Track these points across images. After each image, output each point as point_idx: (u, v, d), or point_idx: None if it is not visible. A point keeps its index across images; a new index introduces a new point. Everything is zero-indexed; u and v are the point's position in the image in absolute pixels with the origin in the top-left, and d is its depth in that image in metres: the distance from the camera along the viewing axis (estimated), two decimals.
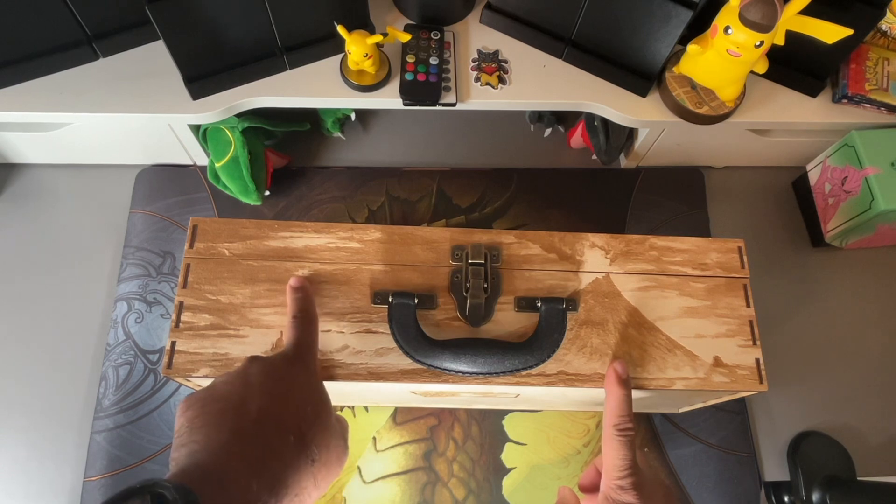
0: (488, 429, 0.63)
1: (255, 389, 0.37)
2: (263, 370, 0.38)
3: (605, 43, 0.63)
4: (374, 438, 0.62)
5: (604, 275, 0.49)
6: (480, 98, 0.64)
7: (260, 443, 0.34)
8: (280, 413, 0.36)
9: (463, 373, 0.44)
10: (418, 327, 0.45)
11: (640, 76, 0.63)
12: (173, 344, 0.45)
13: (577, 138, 0.75)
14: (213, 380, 0.39)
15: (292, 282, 0.46)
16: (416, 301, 0.46)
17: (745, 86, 0.63)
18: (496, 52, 0.66)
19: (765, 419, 0.65)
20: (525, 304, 0.48)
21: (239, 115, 0.64)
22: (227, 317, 0.46)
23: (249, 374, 0.38)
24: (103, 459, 0.60)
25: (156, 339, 0.64)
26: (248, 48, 0.60)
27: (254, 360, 0.39)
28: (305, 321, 0.43)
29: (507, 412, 0.64)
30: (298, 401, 0.38)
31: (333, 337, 0.46)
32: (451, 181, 0.73)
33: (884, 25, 0.64)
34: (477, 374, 0.45)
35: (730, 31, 0.54)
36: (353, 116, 0.73)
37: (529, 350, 0.45)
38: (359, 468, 0.61)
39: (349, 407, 0.63)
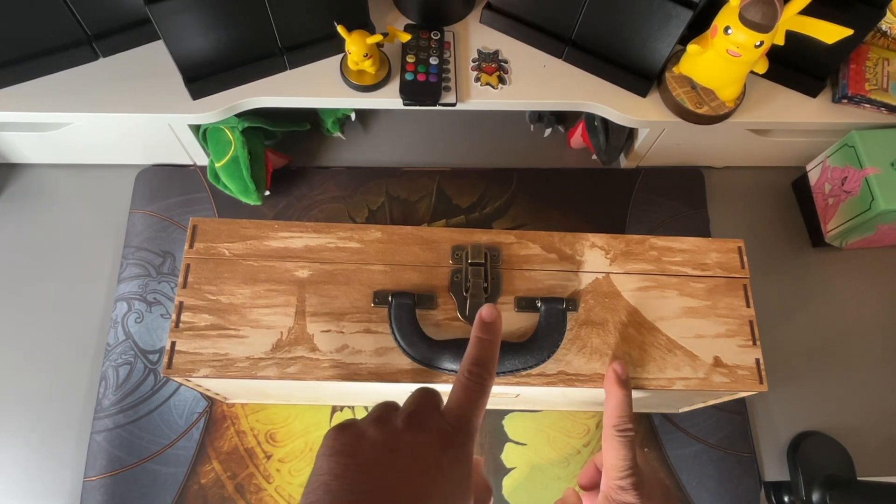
0: (488, 429, 0.63)
1: (401, 477, 0.33)
2: (417, 452, 0.34)
3: (605, 43, 0.63)
4: None
5: (604, 275, 0.49)
6: (480, 98, 0.64)
7: None
8: None
9: None
10: (418, 327, 0.45)
11: (640, 76, 0.63)
12: (173, 344, 0.45)
13: (577, 138, 0.75)
14: (361, 422, 0.36)
15: (485, 313, 0.39)
16: (415, 301, 0.46)
17: (745, 86, 0.63)
18: (496, 52, 0.66)
19: (765, 419, 0.65)
20: (525, 304, 0.48)
21: (239, 115, 0.64)
22: (227, 317, 0.46)
23: (402, 449, 0.34)
24: (103, 459, 0.60)
25: (156, 339, 0.64)
26: (248, 48, 0.60)
27: (411, 425, 0.35)
28: (481, 382, 0.38)
29: (507, 412, 0.64)
30: (440, 501, 0.34)
31: (333, 337, 0.46)
32: (451, 181, 0.73)
33: (884, 25, 0.64)
34: None
35: (730, 31, 0.54)
36: (353, 116, 0.73)
37: (529, 350, 0.45)
38: None
39: (349, 407, 0.63)
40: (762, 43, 0.54)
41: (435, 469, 0.34)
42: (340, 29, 0.58)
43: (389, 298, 0.46)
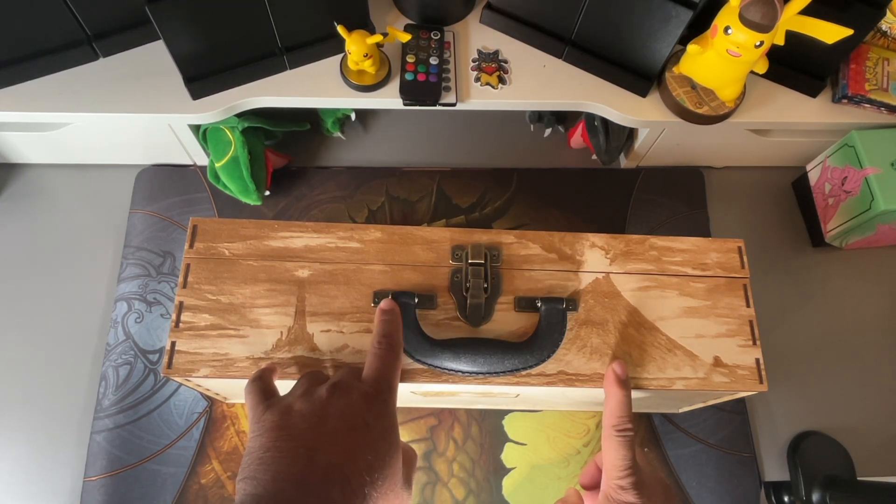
0: (488, 429, 0.63)
1: (330, 437, 0.36)
2: (343, 414, 0.37)
3: (605, 43, 0.63)
4: None
5: (604, 275, 0.49)
6: (480, 98, 0.64)
7: (322, 501, 0.34)
8: (350, 471, 0.35)
9: (463, 372, 0.44)
10: (418, 327, 0.45)
11: (640, 76, 0.63)
12: (173, 344, 0.45)
13: (577, 138, 0.75)
14: (287, 398, 0.39)
15: (383, 304, 0.44)
16: (416, 301, 0.46)
17: (745, 86, 0.63)
18: (496, 52, 0.66)
19: (765, 419, 0.65)
20: (525, 304, 0.48)
21: (239, 115, 0.64)
22: (227, 317, 0.46)
23: (328, 414, 0.37)
24: (103, 459, 0.60)
25: (156, 339, 0.64)
26: (248, 48, 0.60)
27: (335, 393, 0.38)
28: (390, 349, 0.42)
29: (507, 412, 0.64)
30: (370, 454, 0.37)
31: (333, 337, 0.46)
32: (451, 181, 0.73)
33: (884, 25, 0.64)
34: (477, 373, 0.45)
35: (730, 31, 0.54)
36: (353, 116, 0.73)
37: (529, 350, 0.45)
38: None
39: None
40: (762, 43, 0.54)
41: (362, 425, 0.37)
42: (340, 29, 0.58)
43: (390, 297, 0.46)
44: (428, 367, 0.45)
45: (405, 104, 0.63)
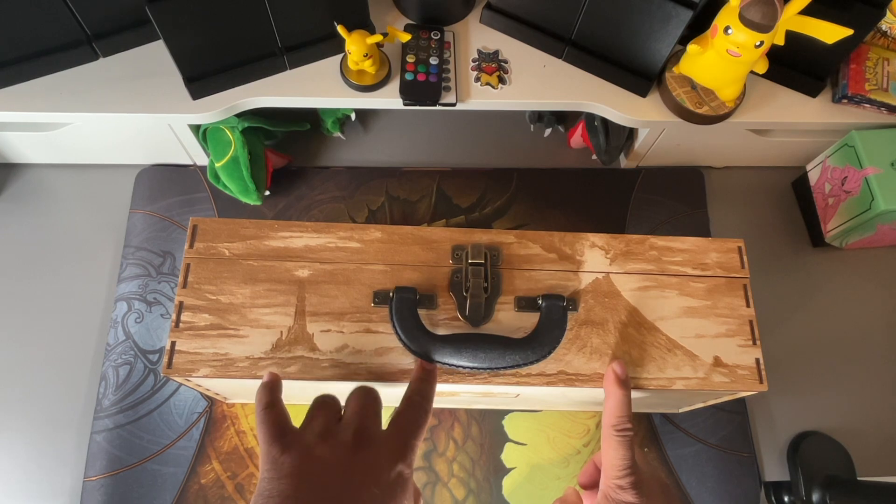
0: (488, 429, 0.63)
1: (354, 493, 0.36)
2: (369, 468, 0.37)
3: (605, 43, 0.63)
4: None
5: (604, 275, 0.49)
6: (480, 98, 0.64)
7: None
8: None
9: (464, 368, 0.44)
10: (419, 321, 0.45)
11: (640, 76, 0.63)
12: (173, 344, 0.45)
13: (577, 138, 0.75)
14: (305, 437, 0.38)
15: (425, 364, 0.44)
16: (417, 297, 0.46)
17: (745, 86, 0.63)
18: (496, 52, 0.66)
19: (765, 419, 0.65)
20: (525, 303, 0.48)
21: (239, 115, 0.64)
22: (227, 317, 0.46)
23: (353, 467, 0.36)
24: (103, 459, 0.60)
25: (156, 339, 0.64)
26: (248, 48, 0.60)
27: (361, 443, 0.38)
28: (426, 410, 0.41)
29: (507, 412, 0.64)
30: None
31: (333, 337, 0.46)
32: (451, 181, 0.73)
33: (884, 25, 0.64)
34: (478, 369, 0.44)
35: (730, 31, 0.54)
36: (353, 116, 0.73)
37: (531, 345, 0.45)
38: None
39: None
40: (762, 43, 0.54)
41: (385, 482, 0.37)
42: (340, 29, 0.58)
43: (391, 294, 0.46)
44: (429, 362, 0.45)
45: (405, 104, 0.63)
